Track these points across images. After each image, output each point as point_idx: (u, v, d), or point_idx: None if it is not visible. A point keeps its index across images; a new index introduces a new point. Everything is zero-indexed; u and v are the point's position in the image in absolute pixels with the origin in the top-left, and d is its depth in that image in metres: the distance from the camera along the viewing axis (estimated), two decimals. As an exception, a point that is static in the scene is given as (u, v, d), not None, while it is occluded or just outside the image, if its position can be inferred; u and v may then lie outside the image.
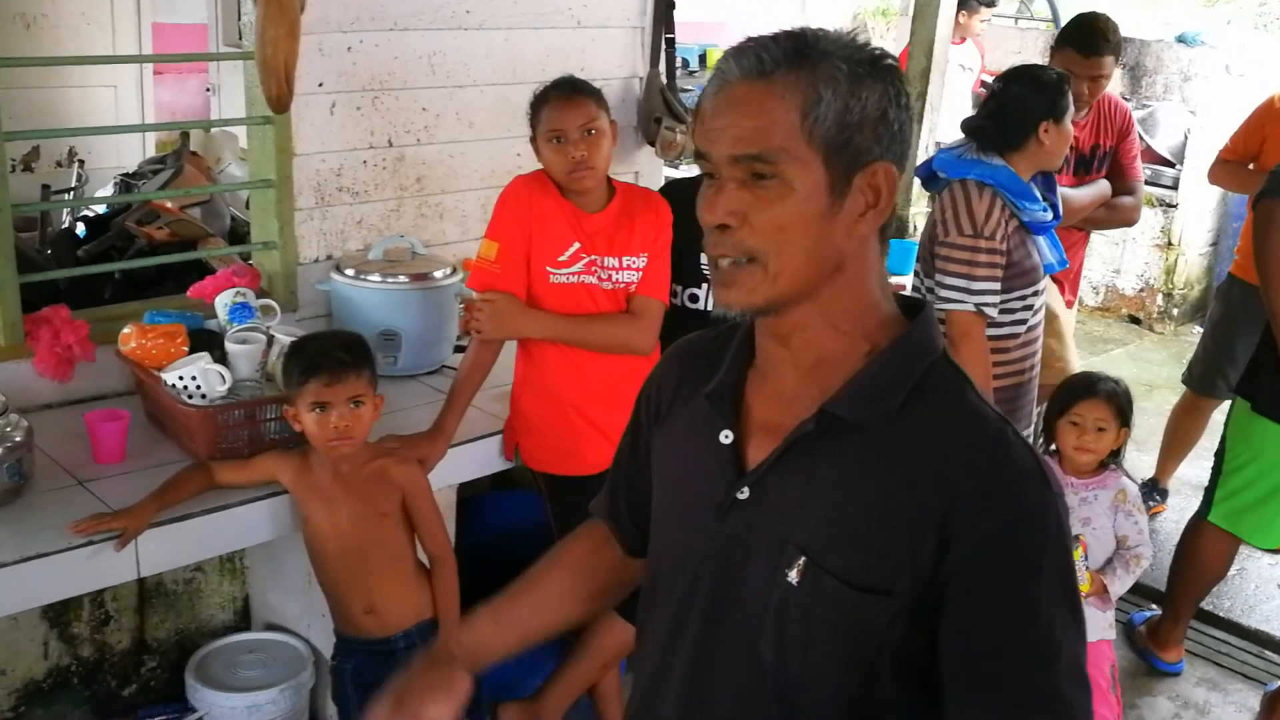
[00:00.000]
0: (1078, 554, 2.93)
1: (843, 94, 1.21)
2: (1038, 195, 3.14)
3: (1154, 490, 4.72)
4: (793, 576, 1.26)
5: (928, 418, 1.26)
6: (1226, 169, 4.55)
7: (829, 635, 1.26)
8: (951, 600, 1.22)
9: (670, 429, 1.45)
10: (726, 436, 1.34)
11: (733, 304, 1.27)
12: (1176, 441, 4.67)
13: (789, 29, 1.25)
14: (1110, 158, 4.12)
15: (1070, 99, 3.15)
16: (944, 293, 3.04)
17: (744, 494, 1.31)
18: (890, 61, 1.26)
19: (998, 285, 3.05)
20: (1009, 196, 3.07)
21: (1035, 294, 3.16)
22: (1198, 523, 3.63)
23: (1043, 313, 3.27)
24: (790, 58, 1.22)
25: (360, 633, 2.68)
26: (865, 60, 1.23)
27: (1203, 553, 3.61)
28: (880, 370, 1.28)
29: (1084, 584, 2.92)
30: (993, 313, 3.04)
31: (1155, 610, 3.86)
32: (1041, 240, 3.20)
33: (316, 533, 2.60)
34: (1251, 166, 4.42)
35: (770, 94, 1.21)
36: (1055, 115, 3.10)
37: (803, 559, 1.26)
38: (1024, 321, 3.16)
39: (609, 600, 1.65)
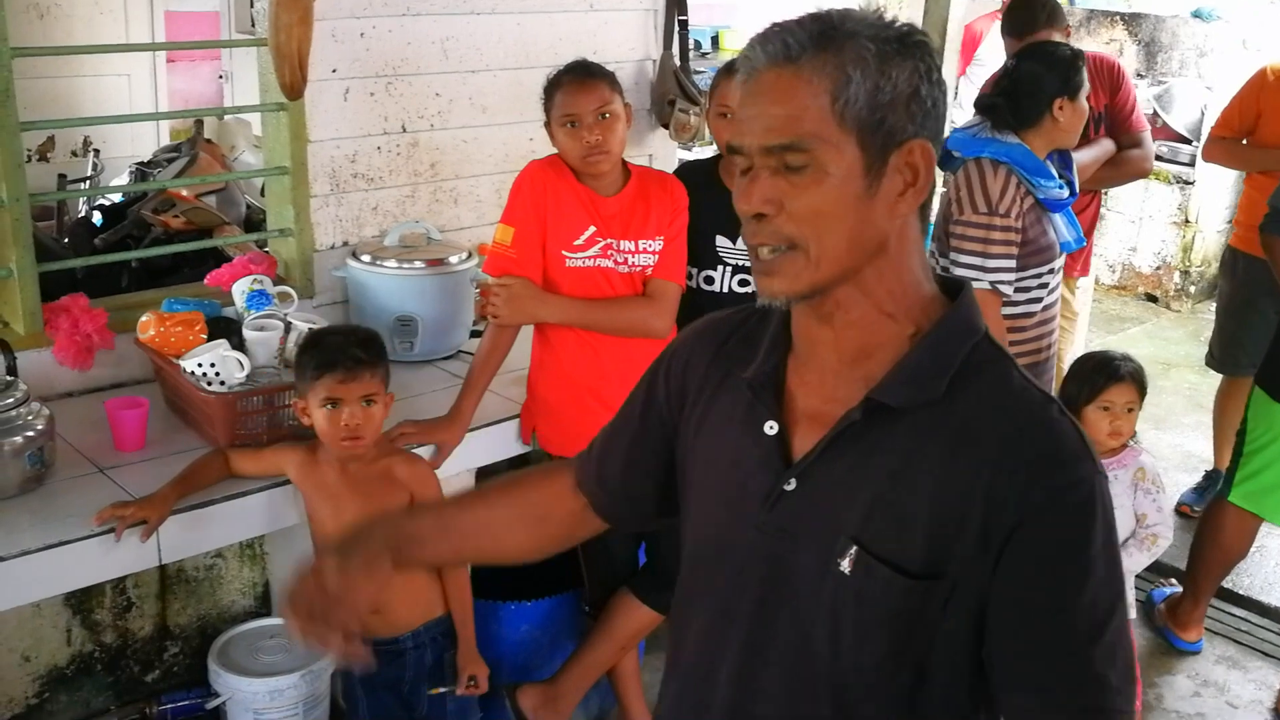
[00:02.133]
0: None
1: (872, 74, 1.19)
2: (1053, 172, 3.13)
3: (1218, 480, 4.61)
4: (845, 566, 1.25)
5: (974, 401, 1.25)
6: (1222, 146, 4.49)
7: (883, 624, 1.26)
8: (999, 575, 1.22)
9: (706, 414, 1.42)
10: (771, 427, 1.32)
11: (777, 293, 1.26)
12: (1226, 427, 4.55)
13: (813, 12, 1.23)
14: (1106, 116, 4.11)
15: (1085, 75, 3.12)
16: (959, 271, 3.03)
17: (791, 485, 1.30)
18: (919, 37, 1.24)
19: (1013, 263, 3.04)
20: (1024, 174, 3.06)
21: (1051, 272, 3.15)
22: (1218, 502, 3.61)
23: (1059, 290, 3.26)
24: (816, 41, 1.20)
25: (367, 633, 2.66)
26: (893, 38, 1.21)
27: (1223, 532, 3.58)
28: (924, 354, 1.26)
29: None
30: (1008, 291, 3.03)
31: (1176, 587, 3.84)
32: (1058, 218, 3.19)
33: (320, 530, 2.59)
34: (1246, 141, 4.37)
35: (799, 79, 1.20)
36: (1069, 92, 3.08)
37: (854, 548, 1.25)
38: (1040, 300, 3.15)
39: (551, 549, 1.62)
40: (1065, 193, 3.16)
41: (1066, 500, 1.21)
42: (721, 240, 3.01)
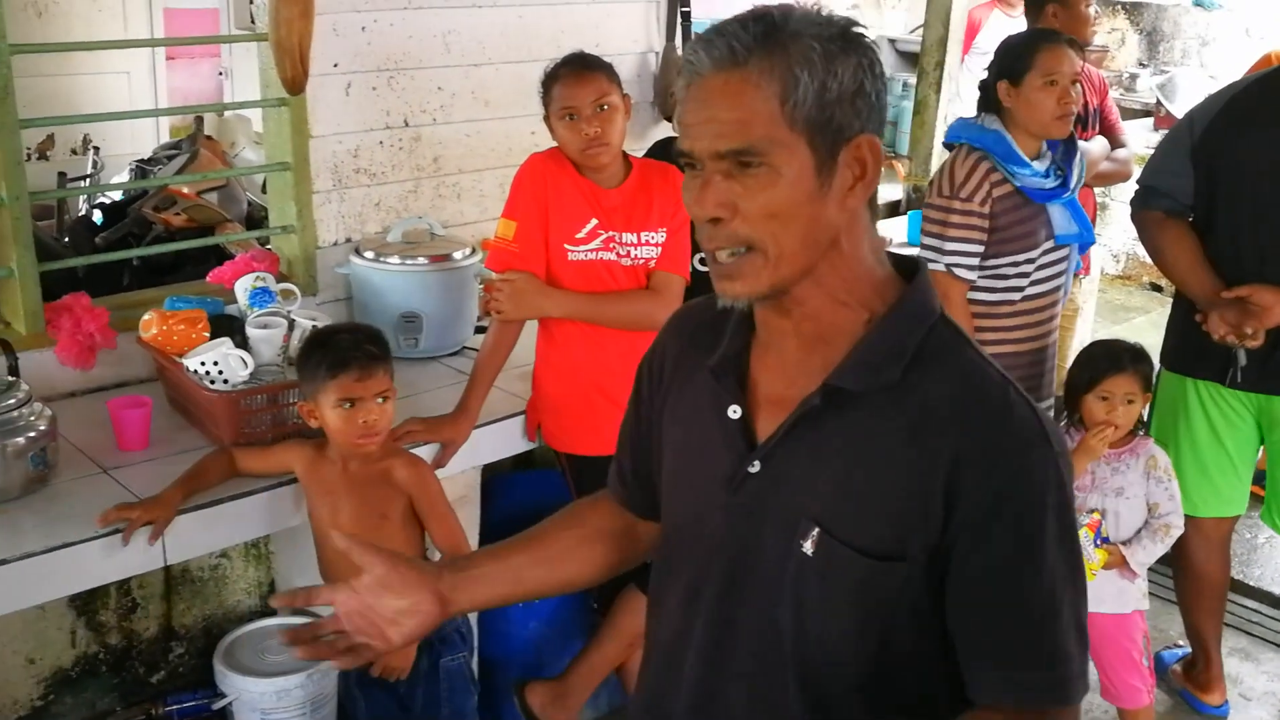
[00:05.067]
0: (1090, 531, 2.89)
1: (819, 73, 1.20)
2: (1024, 159, 3.04)
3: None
4: (807, 548, 1.29)
5: (931, 385, 1.27)
6: None
7: (846, 602, 1.30)
8: (957, 558, 1.26)
9: (676, 401, 1.46)
10: (734, 411, 1.36)
11: (738, 295, 1.28)
12: None
13: (755, 10, 1.24)
14: (1098, 116, 4.17)
15: (1036, 59, 3.00)
16: (922, 253, 3.03)
17: (755, 467, 1.33)
18: (859, 31, 1.25)
19: (973, 248, 3.00)
20: (998, 161, 3.02)
21: (1029, 262, 3.08)
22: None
23: (1056, 283, 3.17)
24: (761, 42, 1.21)
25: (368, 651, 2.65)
26: (836, 35, 1.22)
27: (1191, 556, 3.30)
28: (880, 339, 1.29)
29: (1095, 562, 2.88)
30: (968, 275, 3.00)
31: (1184, 648, 3.56)
32: (1055, 209, 3.10)
33: (318, 528, 2.57)
34: None
35: (746, 83, 1.21)
36: (1010, 76, 3.02)
37: (816, 530, 1.28)
38: (1019, 289, 3.09)
39: (612, 567, 1.63)
40: (1051, 183, 3.09)
41: (1021, 487, 1.24)
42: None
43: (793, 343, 1.33)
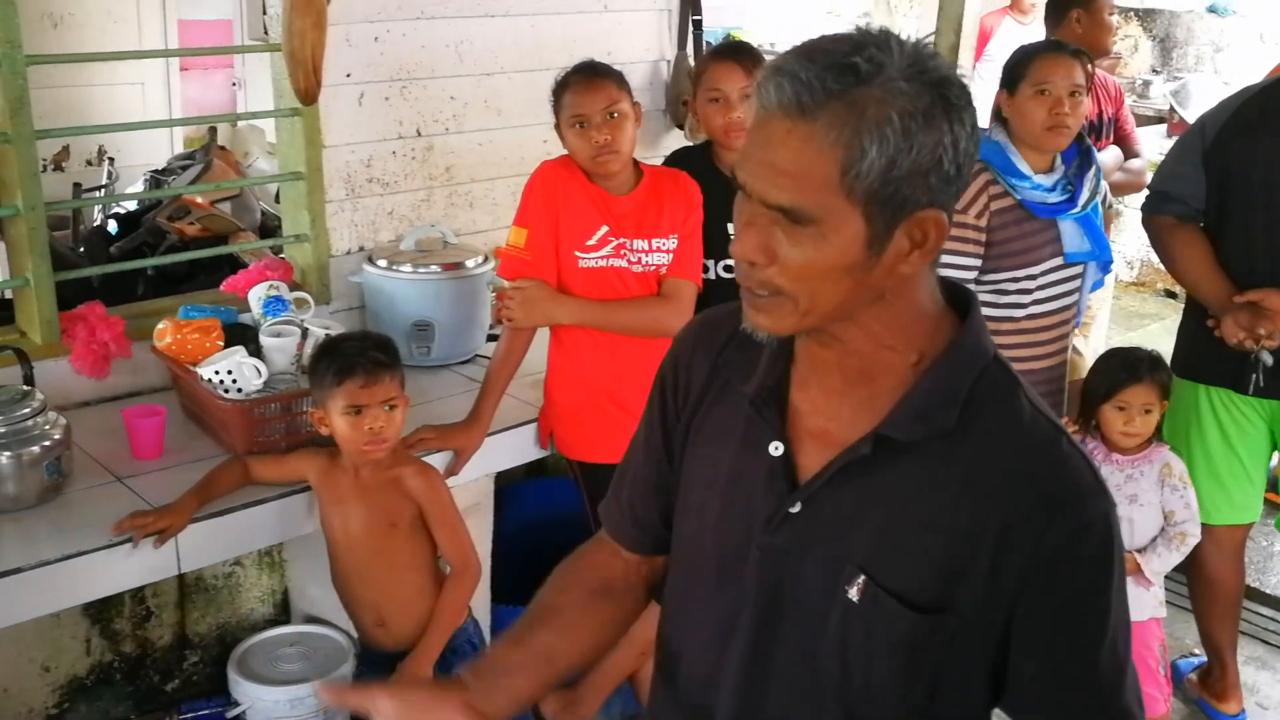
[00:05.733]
0: None
1: (889, 149, 1.10)
2: (1024, 172, 2.99)
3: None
4: (853, 594, 1.23)
5: (984, 435, 1.22)
6: None
7: (891, 650, 1.25)
8: (1020, 617, 1.22)
9: (703, 422, 1.38)
10: (776, 449, 1.28)
11: (762, 328, 1.22)
12: None
13: (845, 55, 1.11)
14: (1113, 125, 4.15)
15: (1032, 69, 2.97)
16: None
17: (796, 508, 1.26)
18: (954, 96, 1.13)
19: (968, 261, 2.94)
20: (998, 173, 2.98)
21: (1030, 279, 3.01)
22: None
23: (1063, 303, 3.09)
24: (835, 99, 1.10)
25: (375, 644, 2.67)
26: (922, 109, 1.11)
27: (1204, 564, 3.26)
28: (933, 385, 1.22)
29: None
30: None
31: (1201, 657, 3.54)
32: (1066, 225, 3.03)
33: (330, 536, 2.58)
34: None
35: (809, 142, 1.11)
36: (1008, 85, 3.01)
37: (862, 578, 1.23)
38: (1021, 305, 3.02)
39: (629, 618, 1.55)
40: (1057, 197, 3.02)
41: (1083, 543, 1.20)
42: (734, 227, 2.96)
43: (836, 376, 1.26)
